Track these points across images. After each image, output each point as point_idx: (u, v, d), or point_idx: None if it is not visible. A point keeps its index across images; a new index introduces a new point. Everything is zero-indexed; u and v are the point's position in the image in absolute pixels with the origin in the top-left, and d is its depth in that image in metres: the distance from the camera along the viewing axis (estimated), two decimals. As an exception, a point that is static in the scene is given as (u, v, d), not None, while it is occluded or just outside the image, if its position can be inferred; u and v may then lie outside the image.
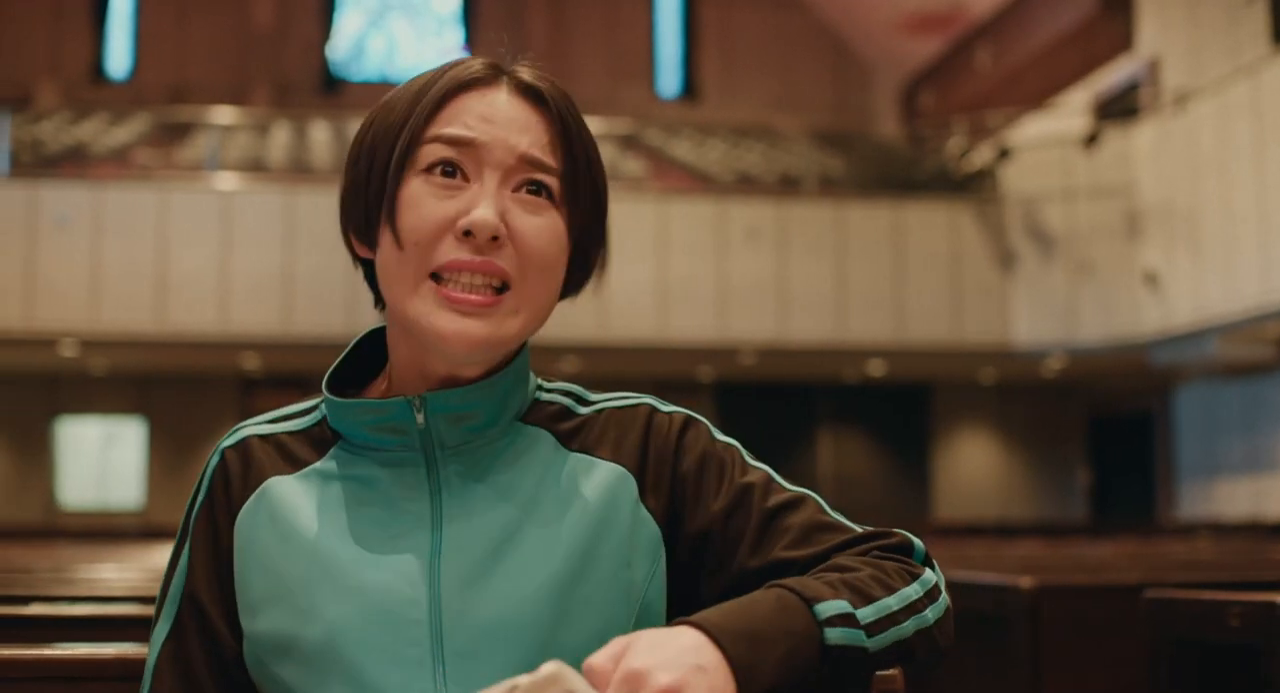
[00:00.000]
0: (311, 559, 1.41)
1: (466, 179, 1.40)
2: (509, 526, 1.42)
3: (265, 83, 22.91)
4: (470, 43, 24.17)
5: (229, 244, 14.90)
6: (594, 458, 1.48)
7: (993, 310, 15.86)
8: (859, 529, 1.45)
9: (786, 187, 17.44)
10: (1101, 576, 3.90)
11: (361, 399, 1.46)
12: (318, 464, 1.48)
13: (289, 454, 1.49)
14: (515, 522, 1.42)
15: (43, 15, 22.86)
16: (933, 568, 1.43)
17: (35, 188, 14.73)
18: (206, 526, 1.48)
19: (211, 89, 22.33)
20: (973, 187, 16.57)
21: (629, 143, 19.92)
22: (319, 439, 1.50)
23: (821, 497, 1.50)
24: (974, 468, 19.69)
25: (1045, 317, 15.73)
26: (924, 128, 19.19)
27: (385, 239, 1.42)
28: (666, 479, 1.48)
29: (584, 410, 1.54)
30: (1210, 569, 5.11)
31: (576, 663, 1.33)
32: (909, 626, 1.33)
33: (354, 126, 13.54)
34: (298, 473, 1.47)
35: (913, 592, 1.36)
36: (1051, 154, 15.93)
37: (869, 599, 1.31)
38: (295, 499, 1.45)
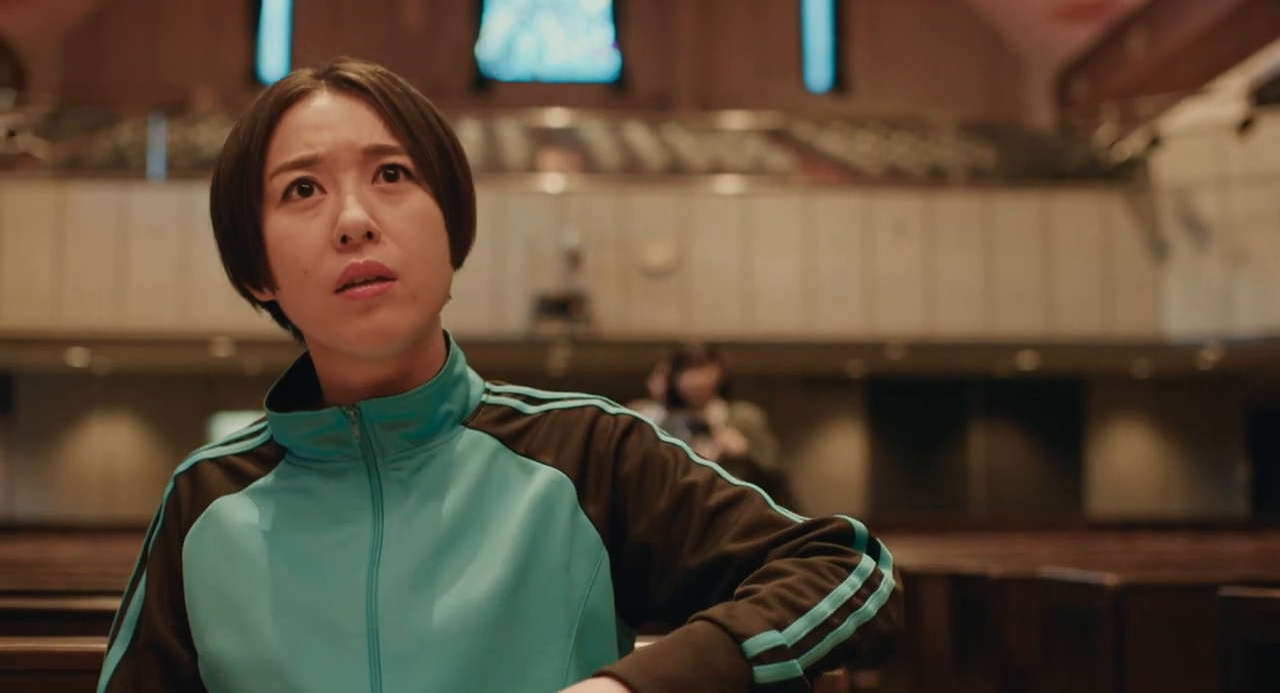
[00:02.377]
0: (254, 575, 1.42)
1: (324, 191, 1.41)
2: (447, 535, 1.42)
3: (416, 83, 23.07)
4: (619, 40, 24.25)
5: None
6: (535, 463, 1.47)
7: (1145, 302, 15.55)
8: (800, 521, 1.43)
9: (934, 179, 17.26)
10: (1199, 573, 3.81)
11: (297, 412, 1.47)
12: (263, 480, 1.50)
13: (237, 473, 1.51)
14: (453, 531, 1.42)
15: (200, 22, 23.38)
16: (876, 552, 1.41)
17: (189, 191, 15.03)
18: (162, 551, 1.50)
19: (364, 91, 22.65)
20: (1124, 176, 16.26)
21: (777, 137, 19.87)
22: (266, 456, 1.52)
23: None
24: (1130, 463, 19.33)
25: (1200, 307, 15.38)
26: (1074, 117, 18.88)
27: (277, 280, 1.43)
28: (607, 484, 1.47)
29: (532, 411, 1.53)
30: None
31: (514, 671, 1.35)
32: (848, 626, 1.31)
33: (504, 126, 13.69)
34: (244, 490, 1.49)
35: (847, 589, 1.33)
36: (1205, 141, 15.57)
37: (800, 611, 1.29)
38: (240, 517, 1.46)
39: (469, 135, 18.79)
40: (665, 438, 1.51)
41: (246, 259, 1.45)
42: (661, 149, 18.43)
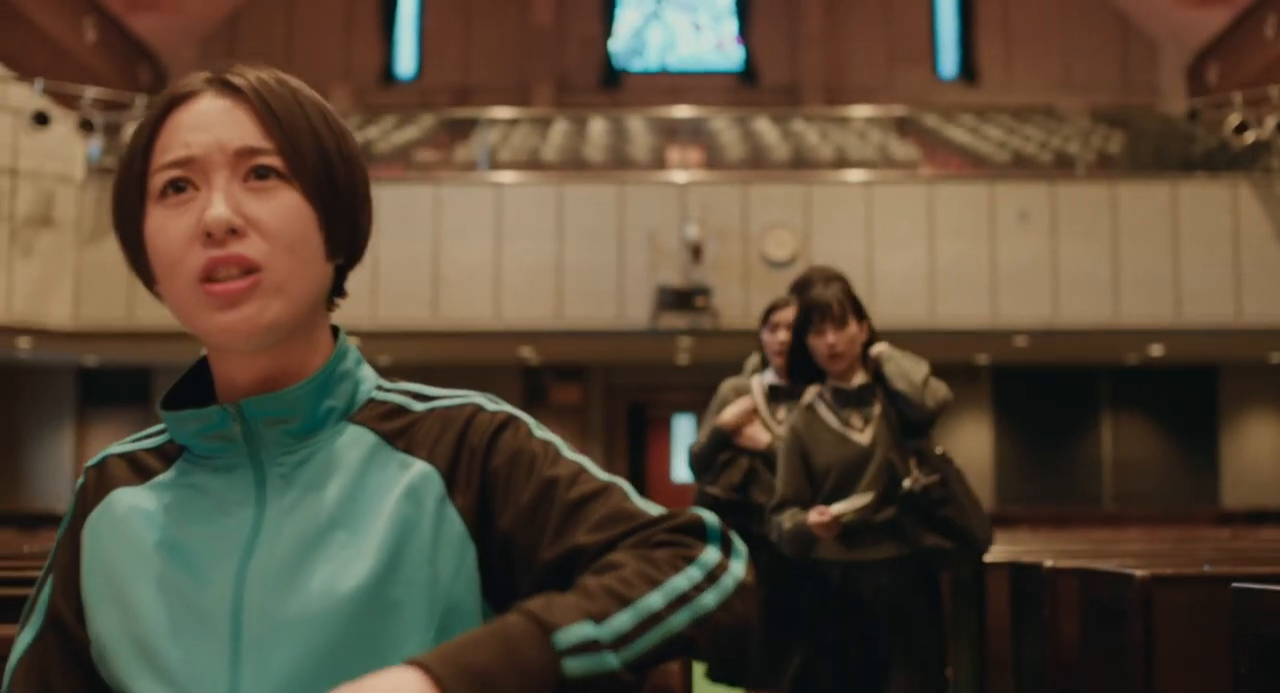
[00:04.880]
0: (139, 563, 1.49)
1: (198, 189, 1.45)
2: (321, 528, 1.46)
3: (546, 80, 23.39)
4: (746, 33, 24.25)
5: (502, 238, 15.31)
6: (411, 457, 1.51)
7: (1277, 289, 15.29)
8: (654, 513, 1.45)
9: (1059, 167, 17.11)
10: (1254, 567, 3.81)
11: (185, 410, 1.52)
12: (163, 475, 1.55)
13: (141, 468, 1.57)
14: (328, 524, 1.47)
15: (334, 22, 23.79)
16: (726, 545, 1.42)
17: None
18: (69, 539, 1.57)
19: (494, 88, 22.91)
20: (1254, 162, 15.99)
21: (903, 128, 19.79)
22: (169, 453, 1.57)
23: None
24: (1265, 453, 18.99)
25: (1333, 294, 15.11)
26: (1202, 103, 18.55)
27: (155, 273, 1.49)
28: (477, 477, 1.50)
29: (418, 408, 1.56)
30: None
31: (374, 658, 1.39)
32: (680, 619, 1.32)
33: (632, 119, 13.76)
34: (144, 484, 1.55)
35: (683, 582, 1.34)
36: (1337, 125, 15.29)
37: (626, 603, 1.30)
38: (136, 507, 1.53)
39: (596, 129, 18.96)
40: (539, 434, 1.54)
41: (133, 254, 1.52)
42: (787, 141, 18.44)
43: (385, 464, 1.51)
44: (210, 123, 1.46)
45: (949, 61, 24.08)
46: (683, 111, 19.85)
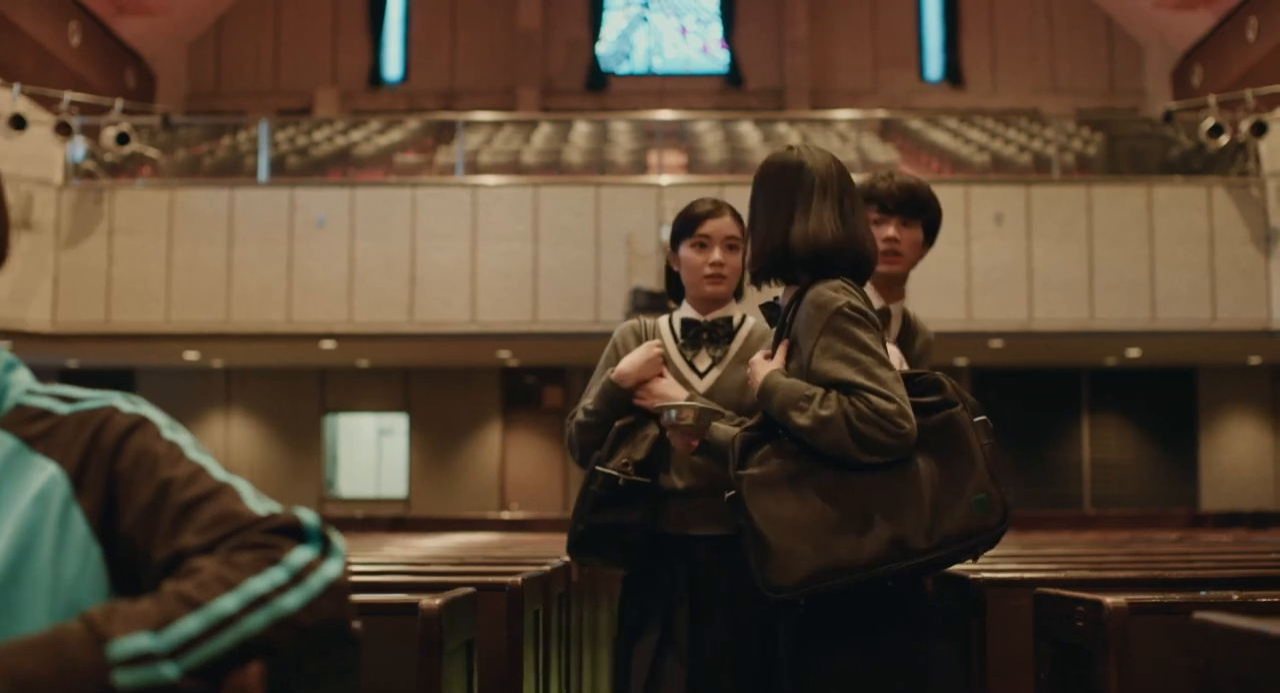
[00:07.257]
0: None
1: None
2: None
3: (532, 83, 23.45)
4: (731, 37, 24.30)
5: (478, 241, 15.37)
6: (46, 461, 1.51)
7: (1254, 291, 15.30)
8: (259, 515, 1.46)
9: (1035, 170, 17.14)
10: (1102, 572, 3.83)
11: None
12: None
13: None
14: None
15: (322, 27, 23.89)
16: (322, 544, 1.44)
17: (293, 191, 15.44)
18: None
19: (481, 91, 22.98)
20: (1230, 164, 16.01)
21: (886, 131, 19.83)
22: None
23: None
24: (1243, 455, 18.98)
25: (1309, 297, 15.12)
26: (1179, 106, 18.53)
27: None
28: (103, 478, 1.50)
29: (62, 411, 1.56)
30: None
31: None
32: (257, 621, 1.33)
33: (616, 122, 13.86)
34: None
35: (261, 584, 1.36)
36: (1314, 128, 15.31)
37: (195, 607, 1.32)
38: None
39: (580, 131, 19.02)
40: (168, 435, 1.55)
41: None
42: (768, 144, 18.48)
43: (22, 468, 1.51)
44: None
45: (935, 65, 24.11)
46: (667, 115, 19.91)
